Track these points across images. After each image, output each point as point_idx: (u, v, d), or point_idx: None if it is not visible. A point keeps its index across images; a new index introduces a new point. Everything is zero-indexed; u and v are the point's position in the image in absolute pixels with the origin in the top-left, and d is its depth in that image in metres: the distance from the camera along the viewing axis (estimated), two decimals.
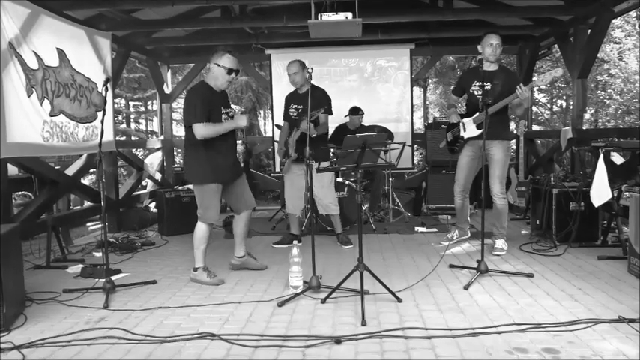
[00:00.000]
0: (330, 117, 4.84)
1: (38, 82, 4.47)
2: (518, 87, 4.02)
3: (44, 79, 4.56)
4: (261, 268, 4.06)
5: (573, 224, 4.58)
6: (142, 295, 3.51)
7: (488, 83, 4.28)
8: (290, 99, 4.89)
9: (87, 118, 5.26)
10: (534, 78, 4.14)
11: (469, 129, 4.44)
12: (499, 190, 4.38)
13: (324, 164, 4.58)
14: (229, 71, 3.61)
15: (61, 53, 4.85)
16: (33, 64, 4.41)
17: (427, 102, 17.60)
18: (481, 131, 3.98)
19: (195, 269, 3.78)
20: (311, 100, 4.62)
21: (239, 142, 8.01)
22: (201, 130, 3.54)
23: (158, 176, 7.62)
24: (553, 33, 6.75)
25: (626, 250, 3.91)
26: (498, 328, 2.72)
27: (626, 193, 4.49)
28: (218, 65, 3.61)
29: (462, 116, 4.52)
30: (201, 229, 3.76)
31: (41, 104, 4.51)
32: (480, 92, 4.28)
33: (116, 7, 5.63)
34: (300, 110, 4.73)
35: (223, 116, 3.69)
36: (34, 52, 4.43)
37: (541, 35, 7.11)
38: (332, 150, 5.66)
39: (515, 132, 6.95)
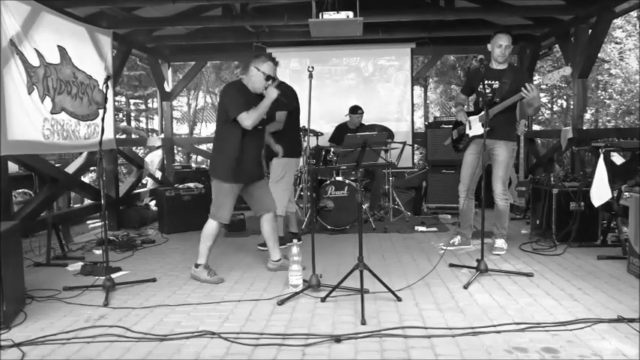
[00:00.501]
0: (330, 116, 4.83)
1: (39, 80, 4.47)
2: (523, 87, 3.98)
3: (45, 76, 4.56)
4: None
5: (573, 224, 4.58)
6: (142, 293, 3.51)
7: (497, 82, 4.25)
8: None
9: (88, 116, 5.26)
10: (536, 77, 4.12)
11: (475, 127, 4.39)
12: (501, 190, 4.35)
13: (276, 161, 4.57)
14: (267, 77, 3.65)
15: (62, 50, 4.85)
16: (34, 61, 4.41)
17: (428, 101, 17.59)
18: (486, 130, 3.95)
19: (197, 266, 3.78)
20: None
21: None
22: (247, 119, 3.56)
23: (158, 174, 7.62)
24: (554, 33, 6.75)
25: (626, 250, 3.91)
26: (498, 327, 2.73)
27: (626, 193, 4.49)
28: (258, 70, 3.65)
29: (469, 114, 4.49)
30: (211, 226, 3.76)
31: (42, 102, 4.51)
32: (488, 91, 4.25)
33: (117, 5, 5.62)
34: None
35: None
36: (36, 49, 4.43)
37: (542, 35, 7.10)
38: (332, 149, 5.71)
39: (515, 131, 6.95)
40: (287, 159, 4.59)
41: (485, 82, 4.27)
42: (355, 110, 6.31)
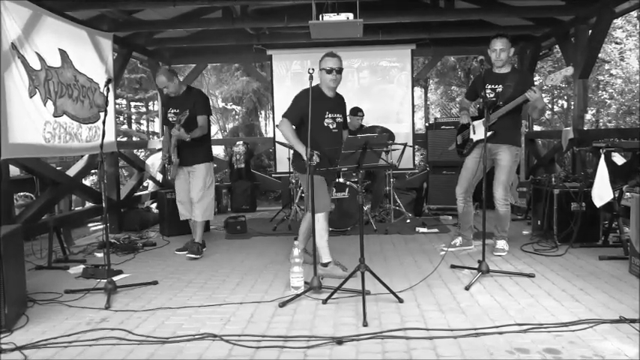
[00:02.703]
0: None
1: (41, 83, 4.48)
2: (529, 90, 3.95)
3: (47, 79, 4.57)
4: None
5: (574, 224, 4.57)
6: (144, 295, 3.51)
7: (500, 85, 4.22)
8: (167, 103, 4.76)
9: (90, 119, 5.27)
10: (536, 77, 4.11)
11: (479, 131, 4.32)
12: (502, 195, 4.31)
13: (201, 167, 4.59)
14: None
15: (63, 54, 4.85)
16: (35, 64, 4.42)
17: (428, 102, 17.60)
18: (490, 133, 3.94)
19: (326, 265, 3.78)
20: (186, 102, 4.54)
21: (240, 142, 8.05)
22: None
23: (159, 177, 7.62)
24: (554, 33, 6.75)
25: (628, 250, 3.91)
26: (500, 328, 2.73)
27: (628, 194, 4.49)
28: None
29: (474, 119, 4.45)
30: (319, 221, 3.74)
31: (45, 105, 4.51)
32: (491, 95, 4.24)
33: (117, 8, 5.63)
34: (178, 114, 4.58)
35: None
36: (37, 52, 4.43)
37: (542, 35, 7.10)
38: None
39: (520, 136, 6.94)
40: (208, 164, 4.70)
41: (489, 86, 4.26)
42: (355, 112, 6.31)
